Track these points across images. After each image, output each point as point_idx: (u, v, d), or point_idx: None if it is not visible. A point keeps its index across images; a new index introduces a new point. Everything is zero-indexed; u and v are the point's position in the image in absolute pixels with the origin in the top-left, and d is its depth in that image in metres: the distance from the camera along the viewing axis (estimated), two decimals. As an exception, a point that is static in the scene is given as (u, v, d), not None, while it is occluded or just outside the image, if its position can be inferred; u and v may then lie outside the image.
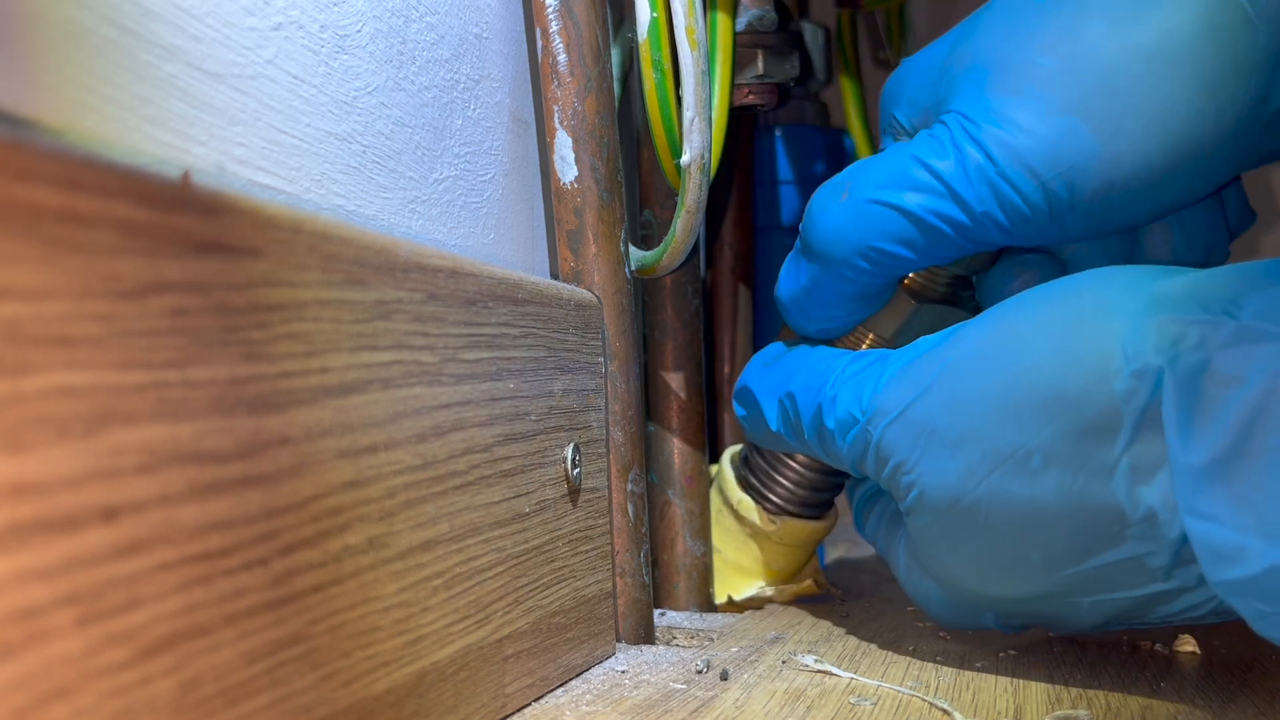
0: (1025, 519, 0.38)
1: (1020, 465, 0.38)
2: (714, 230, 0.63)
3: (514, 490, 0.36)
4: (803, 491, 0.53)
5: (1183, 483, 0.33)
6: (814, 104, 0.68)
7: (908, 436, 0.41)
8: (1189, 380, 0.33)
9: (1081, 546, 0.37)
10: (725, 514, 0.55)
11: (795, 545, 0.54)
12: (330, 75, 0.34)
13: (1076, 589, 0.39)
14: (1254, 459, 0.32)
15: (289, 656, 0.24)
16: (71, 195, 0.19)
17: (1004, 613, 0.43)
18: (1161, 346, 0.34)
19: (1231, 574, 0.33)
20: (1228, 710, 0.36)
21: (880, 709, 0.36)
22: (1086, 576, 0.38)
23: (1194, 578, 0.36)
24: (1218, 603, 0.37)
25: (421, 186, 0.39)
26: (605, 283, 0.46)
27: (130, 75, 0.26)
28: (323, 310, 0.26)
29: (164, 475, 0.21)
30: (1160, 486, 0.35)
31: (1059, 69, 0.42)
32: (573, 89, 0.45)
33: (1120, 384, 0.35)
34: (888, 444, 0.42)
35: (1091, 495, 0.36)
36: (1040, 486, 0.37)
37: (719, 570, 0.56)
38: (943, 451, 0.40)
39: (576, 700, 0.37)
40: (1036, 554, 0.38)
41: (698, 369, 0.55)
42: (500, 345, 0.35)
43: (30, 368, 0.18)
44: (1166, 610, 0.38)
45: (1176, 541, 0.35)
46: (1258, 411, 0.32)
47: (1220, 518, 0.33)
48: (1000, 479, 0.38)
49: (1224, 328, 0.33)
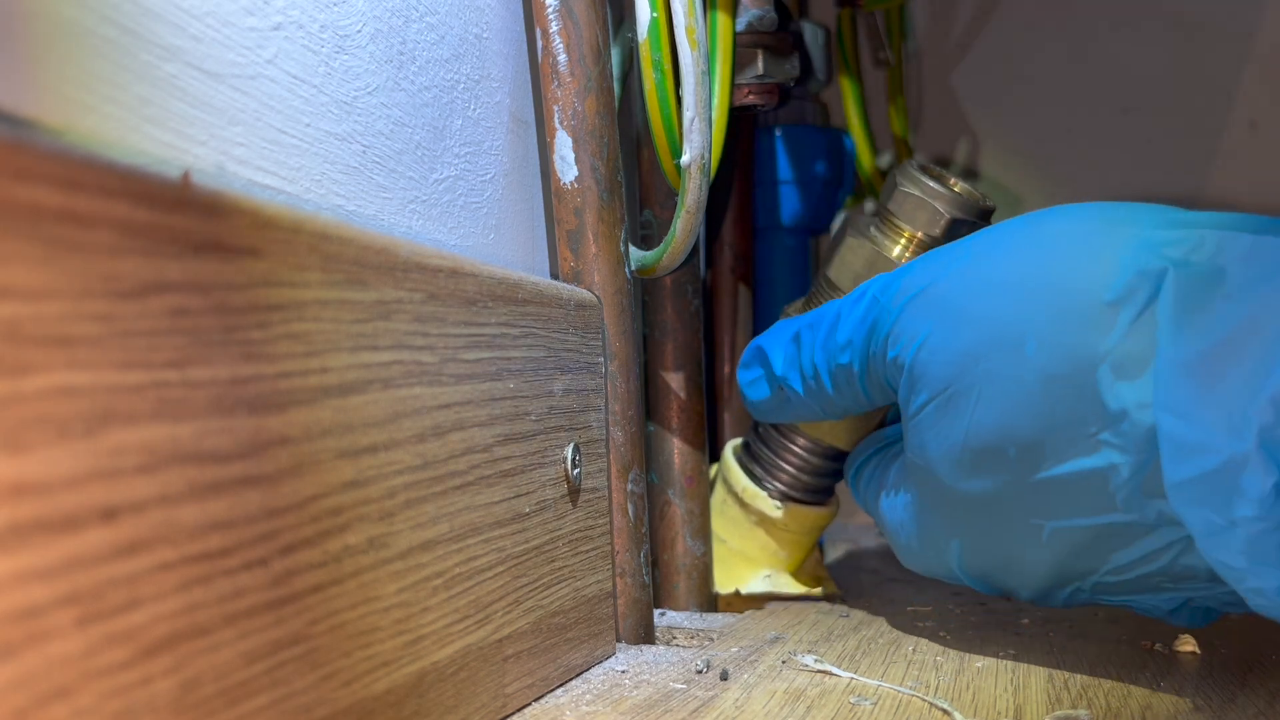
0: (1010, 406, 0.39)
1: (1016, 349, 0.39)
2: (714, 230, 0.63)
3: (514, 490, 0.36)
4: (806, 477, 0.54)
5: (1163, 377, 0.35)
6: (814, 104, 0.68)
7: (924, 311, 0.42)
8: (1194, 283, 0.35)
9: (1054, 445, 0.38)
10: (730, 503, 0.55)
11: (801, 532, 0.55)
12: (330, 75, 0.34)
13: (1041, 505, 0.39)
14: (1238, 361, 0.33)
15: (289, 656, 0.24)
16: (71, 195, 0.19)
17: (968, 546, 0.43)
18: (1176, 249, 0.36)
19: (1190, 470, 0.33)
20: (1228, 710, 0.36)
21: (880, 709, 0.36)
22: (1053, 489, 0.39)
23: (1153, 514, 0.37)
24: (1174, 556, 0.38)
25: (421, 186, 0.39)
26: (605, 283, 0.46)
27: (130, 75, 0.26)
28: (323, 310, 0.26)
29: (164, 475, 0.21)
30: (1141, 387, 0.36)
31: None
32: (573, 89, 0.45)
33: (1124, 278, 0.37)
34: (905, 319, 0.43)
35: (1075, 385, 0.37)
36: (1029, 373, 0.38)
37: (724, 561, 0.56)
38: (952, 329, 0.41)
39: (576, 700, 0.37)
40: (1013, 449, 0.39)
41: (698, 369, 0.55)
42: (500, 345, 0.35)
43: (30, 368, 0.18)
44: (1123, 557, 0.39)
45: (1144, 448, 0.36)
46: (1254, 320, 0.33)
47: (1191, 415, 0.34)
48: (996, 362, 0.39)
49: (1242, 242, 0.35)
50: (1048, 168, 0.56)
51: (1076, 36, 0.82)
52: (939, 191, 0.50)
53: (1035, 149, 0.83)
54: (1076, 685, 0.39)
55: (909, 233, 0.50)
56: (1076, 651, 0.44)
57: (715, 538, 0.56)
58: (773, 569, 0.56)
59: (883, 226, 0.51)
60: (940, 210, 0.49)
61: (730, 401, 0.63)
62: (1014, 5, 0.84)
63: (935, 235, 0.50)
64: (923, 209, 0.50)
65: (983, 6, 0.84)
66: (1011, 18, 0.84)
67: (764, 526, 0.55)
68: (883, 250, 0.50)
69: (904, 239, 0.50)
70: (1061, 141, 0.81)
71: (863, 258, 0.51)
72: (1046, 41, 0.83)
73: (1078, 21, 0.82)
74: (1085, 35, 0.82)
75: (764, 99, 0.54)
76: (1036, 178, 0.56)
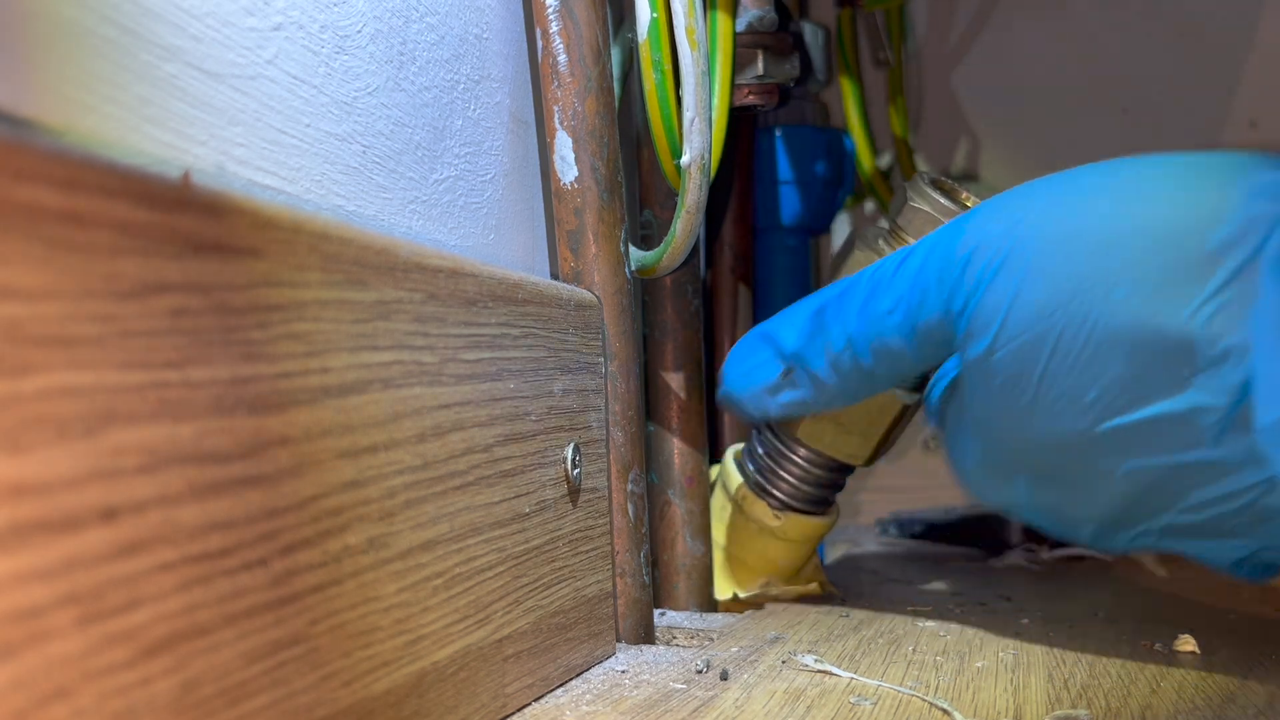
0: (1093, 352, 0.38)
1: (1105, 295, 0.38)
2: (714, 230, 0.63)
3: (514, 490, 0.36)
4: (806, 487, 0.54)
5: (1264, 320, 0.35)
6: (814, 104, 0.68)
7: (998, 259, 0.41)
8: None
9: (1140, 390, 0.38)
10: (729, 509, 0.56)
11: (799, 541, 0.55)
12: (330, 75, 0.34)
13: (1118, 446, 0.39)
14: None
15: (289, 657, 0.24)
16: (72, 195, 0.19)
17: (1034, 482, 0.43)
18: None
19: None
20: (1227, 710, 0.36)
21: (880, 709, 0.36)
22: (1133, 432, 0.38)
23: (1241, 450, 0.37)
24: (1256, 496, 0.38)
25: (421, 187, 0.39)
26: (605, 283, 0.46)
27: (130, 75, 0.26)
28: (323, 310, 0.26)
29: (164, 475, 0.21)
30: (1240, 329, 0.36)
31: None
32: (573, 89, 0.45)
33: (1232, 225, 0.36)
34: (976, 269, 0.41)
35: (1169, 330, 0.37)
36: (1119, 318, 0.38)
37: (723, 567, 0.56)
38: (1030, 277, 0.40)
39: (576, 700, 0.37)
40: (1093, 392, 0.39)
41: (698, 369, 0.55)
42: (500, 345, 0.35)
43: (30, 368, 0.18)
44: (1202, 495, 0.39)
45: (1236, 391, 0.36)
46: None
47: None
48: (1080, 306, 0.39)
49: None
50: (1048, 168, 0.56)
51: (1076, 37, 0.82)
52: (949, 208, 0.50)
53: (1035, 149, 0.83)
54: (1076, 685, 0.39)
55: None
56: (1076, 651, 0.44)
57: (714, 543, 0.56)
58: (770, 576, 0.56)
59: (892, 241, 0.51)
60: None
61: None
62: (1014, 5, 0.84)
63: None
64: (932, 225, 0.49)
65: (983, 6, 0.84)
66: (1011, 18, 0.84)
67: (762, 534, 0.55)
68: None
69: None
70: (1061, 142, 0.81)
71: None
72: (1046, 42, 0.83)
73: (1078, 21, 0.82)
74: (1085, 35, 0.82)
75: (764, 99, 0.54)
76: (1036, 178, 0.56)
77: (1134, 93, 0.62)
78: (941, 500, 0.83)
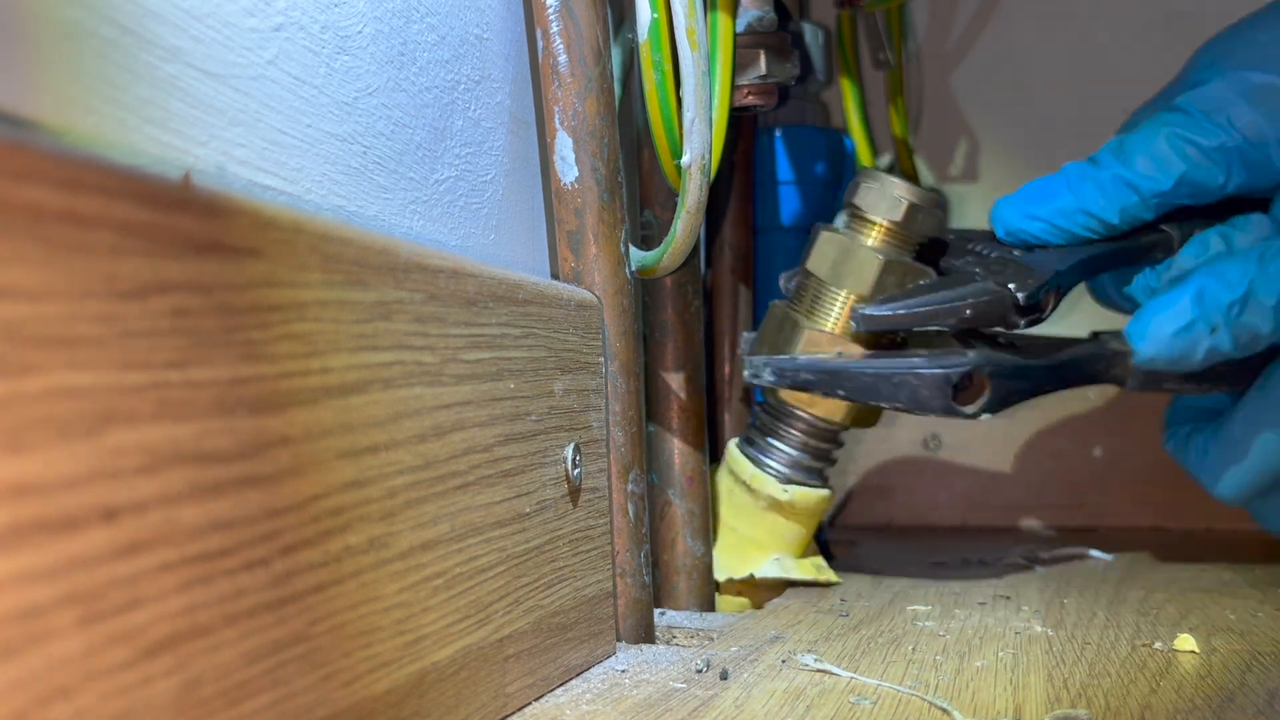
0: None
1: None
2: (714, 230, 0.63)
3: (514, 490, 0.36)
4: (806, 458, 0.58)
5: None
6: (814, 104, 0.68)
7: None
8: None
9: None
10: (738, 492, 0.58)
11: (806, 513, 0.58)
12: (331, 76, 0.34)
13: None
14: None
15: (290, 657, 0.24)
16: (72, 196, 0.19)
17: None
18: None
19: None
20: (1228, 710, 0.36)
21: (880, 708, 0.36)
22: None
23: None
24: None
25: (422, 187, 0.39)
26: (605, 283, 0.46)
27: (131, 76, 0.26)
28: (323, 311, 0.26)
29: (165, 475, 0.21)
30: None
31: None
32: (573, 89, 0.45)
33: None
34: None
35: None
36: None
37: (735, 548, 0.58)
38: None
39: (576, 700, 0.37)
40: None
41: (698, 369, 0.55)
42: (501, 346, 0.35)
43: (31, 368, 0.18)
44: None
45: None
46: None
47: None
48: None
49: None
50: (1048, 168, 0.56)
51: (1076, 37, 0.82)
52: (896, 183, 0.56)
53: (1035, 149, 0.83)
54: (1076, 685, 0.39)
55: (876, 221, 0.55)
56: (1076, 651, 0.44)
57: (725, 526, 0.58)
58: (781, 552, 0.58)
59: (851, 221, 0.56)
60: (900, 197, 0.55)
61: (730, 402, 0.63)
62: (1014, 5, 0.84)
63: (898, 220, 0.55)
64: (884, 198, 0.55)
65: (983, 6, 0.84)
66: (1011, 18, 0.84)
67: (773, 510, 0.58)
68: (854, 239, 0.55)
69: (873, 228, 0.55)
70: (1062, 142, 0.81)
71: (836, 246, 0.55)
72: (1046, 42, 0.83)
73: (1078, 22, 0.82)
74: (1085, 35, 0.82)
75: (764, 99, 0.55)
76: (1036, 178, 0.56)
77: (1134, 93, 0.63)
78: (939, 505, 0.83)
